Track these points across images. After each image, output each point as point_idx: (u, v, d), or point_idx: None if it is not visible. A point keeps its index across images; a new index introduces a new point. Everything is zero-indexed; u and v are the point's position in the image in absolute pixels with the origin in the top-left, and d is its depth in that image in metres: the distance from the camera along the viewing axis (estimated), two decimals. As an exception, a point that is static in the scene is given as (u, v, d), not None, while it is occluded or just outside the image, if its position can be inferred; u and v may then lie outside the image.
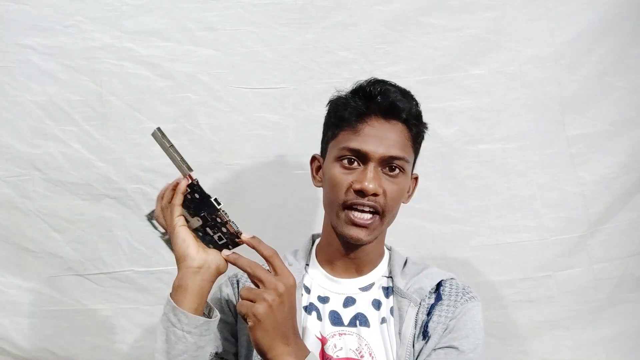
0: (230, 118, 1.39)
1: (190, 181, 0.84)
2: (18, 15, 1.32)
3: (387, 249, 1.08)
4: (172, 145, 0.82)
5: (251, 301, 0.80)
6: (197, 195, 0.84)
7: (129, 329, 1.42)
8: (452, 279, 1.02)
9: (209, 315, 0.87)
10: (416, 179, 1.06)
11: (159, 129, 0.82)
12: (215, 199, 0.82)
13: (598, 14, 1.39)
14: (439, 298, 0.98)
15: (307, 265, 1.05)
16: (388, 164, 0.95)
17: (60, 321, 1.40)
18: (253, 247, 0.83)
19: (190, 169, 0.83)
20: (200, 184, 0.84)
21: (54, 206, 1.37)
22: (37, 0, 1.32)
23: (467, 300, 0.97)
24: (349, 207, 0.95)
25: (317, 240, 1.08)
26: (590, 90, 1.42)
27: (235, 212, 0.86)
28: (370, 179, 0.93)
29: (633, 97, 1.43)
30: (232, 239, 0.85)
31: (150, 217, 0.92)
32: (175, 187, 0.86)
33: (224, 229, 0.85)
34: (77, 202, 1.38)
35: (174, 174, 0.84)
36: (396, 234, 1.36)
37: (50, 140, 1.36)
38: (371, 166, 0.94)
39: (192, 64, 1.37)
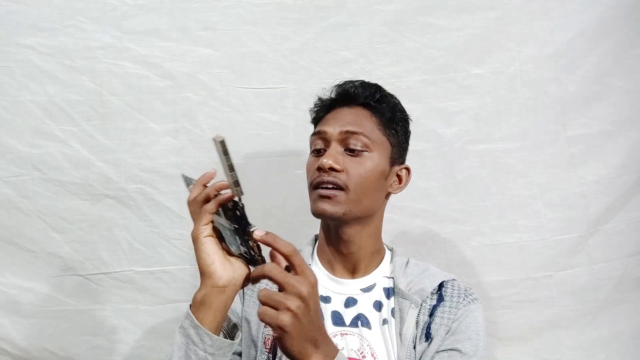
0: (230, 118, 1.39)
1: (236, 198, 0.76)
2: (18, 15, 1.32)
3: (389, 249, 1.08)
4: (231, 164, 0.74)
5: (274, 308, 0.72)
6: (238, 213, 0.76)
7: (129, 329, 1.42)
8: (453, 280, 1.02)
9: (227, 327, 0.85)
10: (408, 169, 1.07)
11: (222, 142, 0.72)
12: (254, 231, 0.75)
13: (598, 14, 1.40)
14: (440, 299, 0.98)
15: (310, 265, 1.05)
16: (347, 139, 0.99)
17: (60, 321, 1.40)
18: (268, 245, 0.75)
19: (242, 193, 0.75)
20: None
21: (54, 206, 1.37)
22: (37, 0, 1.32)
23: (469, 302, 0.97)
24: (315, 186, 0.98)
25: (319, 241, 1.08)
26: (590, 90, 1.42)
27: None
28: (328, 155, 0.98)
29: (633, 97, 1.42)
30: (255, 263, 0.79)
31: (188, 182, 0.84)
32: (219, 189, 0.78)
33: (252, 252, 0.77)
34: (77, 202, 1.38)
35: (175, 174, 0.83)
36: (396, 234, 1.37)
37: (50, 140, 1.36)
38: (332, 145, 0.99)
39: (192, 64, 1.37)
